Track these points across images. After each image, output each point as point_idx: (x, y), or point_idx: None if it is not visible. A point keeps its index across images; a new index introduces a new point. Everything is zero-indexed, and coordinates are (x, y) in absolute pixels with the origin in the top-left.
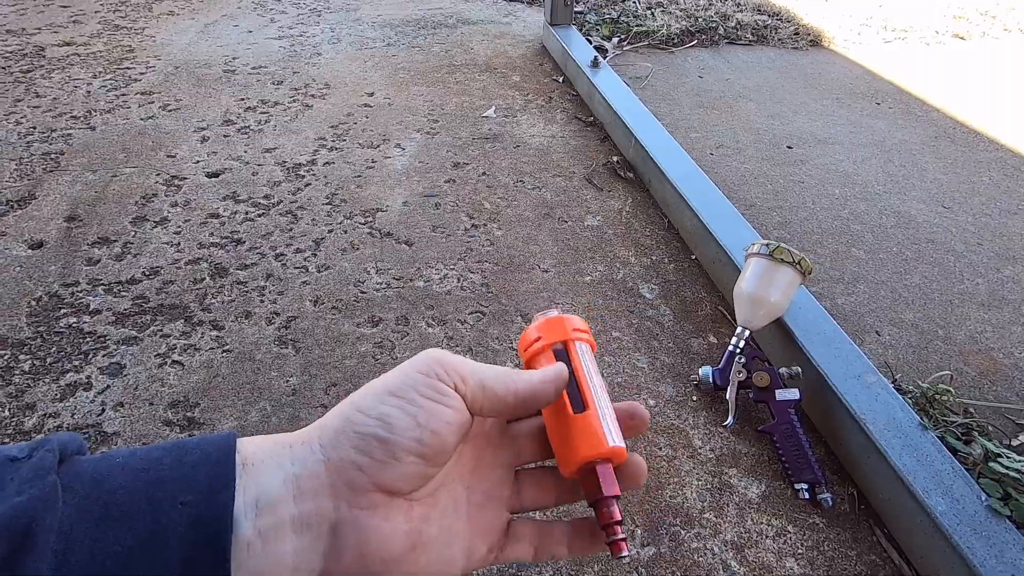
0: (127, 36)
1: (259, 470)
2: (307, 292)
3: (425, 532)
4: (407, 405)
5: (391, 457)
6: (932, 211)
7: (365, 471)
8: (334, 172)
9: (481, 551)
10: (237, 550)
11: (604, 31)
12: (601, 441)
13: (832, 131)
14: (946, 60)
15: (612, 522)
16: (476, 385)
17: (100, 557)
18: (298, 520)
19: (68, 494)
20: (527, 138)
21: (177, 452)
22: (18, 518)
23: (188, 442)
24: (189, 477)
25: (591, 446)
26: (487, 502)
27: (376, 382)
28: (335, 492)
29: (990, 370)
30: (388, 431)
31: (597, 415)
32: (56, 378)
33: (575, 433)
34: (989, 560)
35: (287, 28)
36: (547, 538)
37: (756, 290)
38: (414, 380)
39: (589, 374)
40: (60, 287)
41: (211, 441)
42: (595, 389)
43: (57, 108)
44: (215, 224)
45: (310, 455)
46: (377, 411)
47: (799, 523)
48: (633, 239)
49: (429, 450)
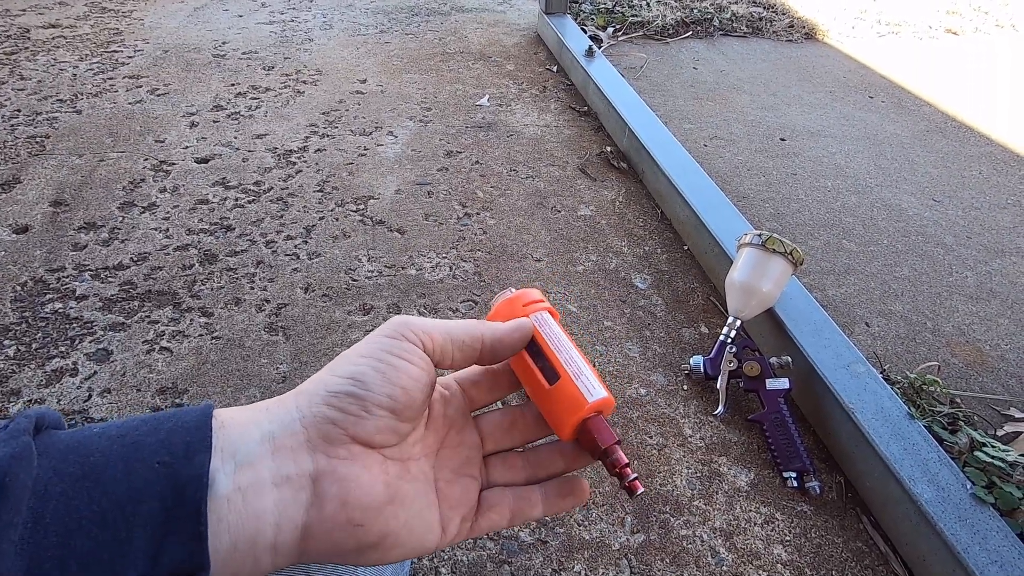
0: (114, 19)
1: (235, 431)
2: (298, 279)
3: (402, 488)
4: (377, 363)
5: (364, 411)
6: (923, 204)
7: (339, 425)
8: (326, 159)
9: (454, 521)
10: (216, 506)
11: (599, 21)
12: (581, 402)
13: (825, 124)
14: (939, 55)
15: (621, 466)
16: (443, 338)
17: (76, 516)
18: (277, 474)
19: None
20: (521, 127)
21: (154, 421)
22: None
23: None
24: (165, 441)
25: (573, 410)
26: (455, 478)
27: (348, 350)
28: (312, 446)
29: (977, 361)
30: (361, 388)
31: (570, 378)
32: (41, 364)
33: (557, 402)
34: (973, 547)
35: (278, 13)
36: (522, 502)
37: (748, 280)
38: (382, 343)
39: (553, 342)
40: (45, 272)
41: (188, 411)
42: (562, 354)
43: (42, 91)
44: (204, 210)
45: (286, 415)
46: (349, 371)
47: (787, 511)
48: (626, 229)
49: (399, 405)
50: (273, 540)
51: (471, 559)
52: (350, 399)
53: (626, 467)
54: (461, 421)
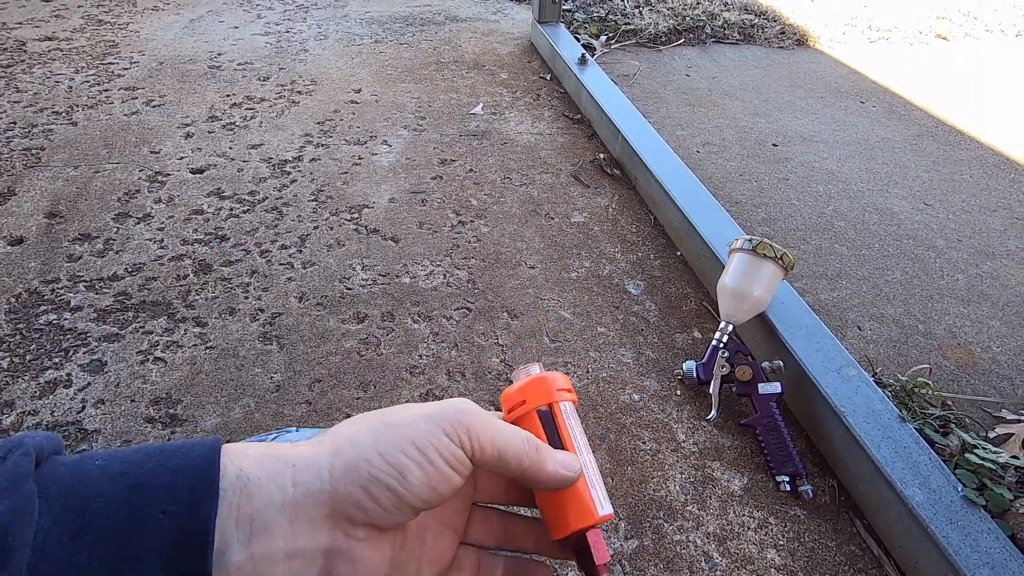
0: (110, 31)
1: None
2: (292, 288)
3: (401, 560)
4: (426, 464)
5: (396, 508)
6: (914, 208)
7: (367, 512)
8: (320, 168)
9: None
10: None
11: (592, 29)
12: (591, 512)
13: (817, 129)
14: (929, 60)
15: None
16: (494, 455)
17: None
18: (292, 546)
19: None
20: (514, 135)
21: (160, 455)
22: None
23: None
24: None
25: (581, 517)
26: (443, 530)
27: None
28: (332, 521)
29: (968, 364)
30: (403, 485)
31: (586, 483)
32: (35, 375)
33: (565, 502)
34: (964, 549)
35: (274, 24)
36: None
37: (739, 285)
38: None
39: (575, 438)
40: (40, 284)
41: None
42: (583, 455)
43: (38, 103)
44: (199, 220)
45: (315, 480)
46: (396, 460)
47: (780, 515)
48: (619, 235)
49: (429, 505)
50: None
51: None
52: (388, 493)
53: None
54: None
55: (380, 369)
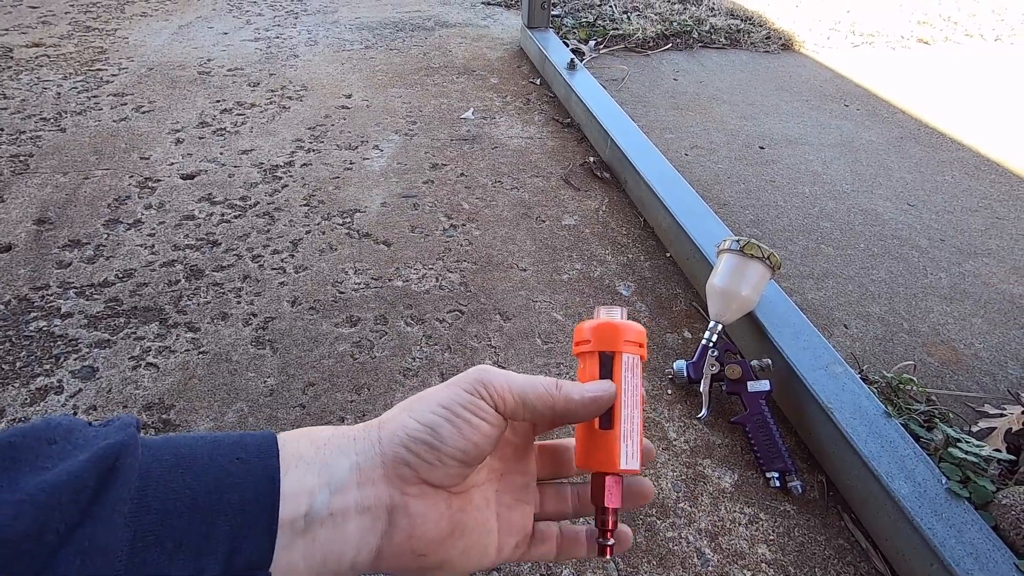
0: (99, 37)
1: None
2: (285, 293)
3: (462, 521)
4: (453, 417)
5: (437, 461)
6: (898, 209)
7: (413, 467)
8: (312, 173)
9: (510, 545)
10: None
11: (581, 34)
12: (614, 462)
13: (802, 132)
14: (911, 64)
15: (605, 529)
16: (517, 401)
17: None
18: (360, 504)
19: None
20: (505, 139)
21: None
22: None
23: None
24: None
25: (604, 463)
26: (514, 504)
27: (428, 393)
28: (389, 481)
29: (951, 360)
30: (436, 439)
31: (619, 437)
32: (26, 382)
33: (595, 445)
34: (949, 540)
35: (263, 30)
36: (570, 541)
37: (727, 285)
38: (460, 397)
39: (627, 392)
40: (29, 290)
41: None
42: (627, 408)
43: (26, 110)
44: (190, 226)
45: (370, 448)
46: (428, 419)
47: (771, 510)
48: (609, 238)
49: (469, 457)
50: (353, 559)
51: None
52: (426, 447)
53: (609, 532)
54: (524, 447)
55: (374, 372)
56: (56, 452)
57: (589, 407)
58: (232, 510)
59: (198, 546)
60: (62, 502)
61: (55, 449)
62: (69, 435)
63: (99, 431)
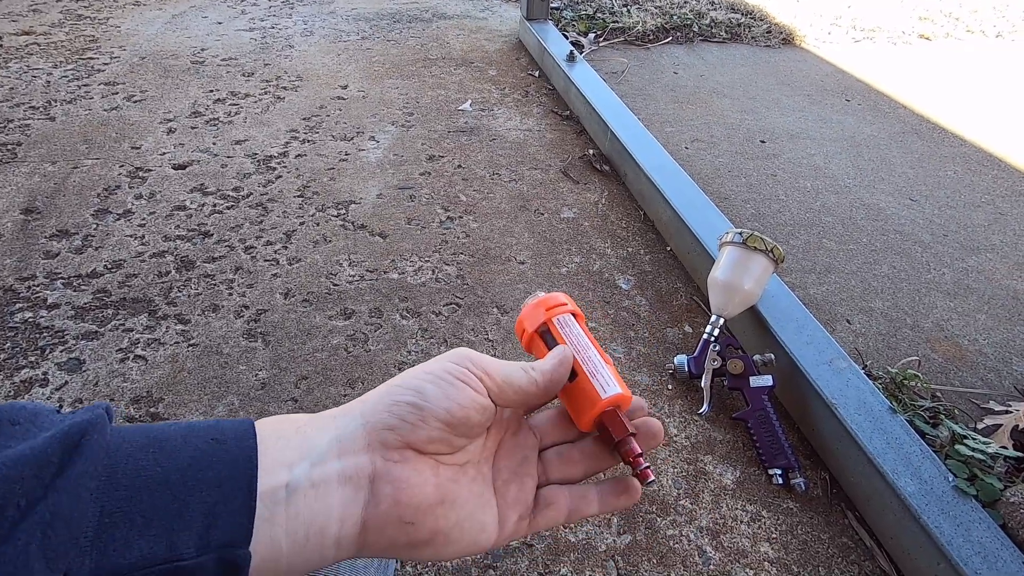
0: (90, 26)
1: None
2: (277, 285)
3: (454, 491)
4: (439, 381)
5: (421, 421)
6: (900, 204)
7: (397, 431)
8: (306, 164)
9: (512, 519)
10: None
11: (580, 27)
12: (595, 398)
13: (803, 126)
14: (912, 59)
15: (633, 456)
16: (501, 380)
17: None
18: (342, 474)
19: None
20: (503, 131)
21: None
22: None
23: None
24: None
25: (588, 406)
26: (513, 478)
27: (413, 368)
28: (371, 448)
29: (956, 356)
30: (422, 399)
31: (587, 377)
32: (10, 374)
33: (576, 399)
34: (956, 539)
35: (258, 20)
36: (579, 500)
37: (730, 278)
38: (446, 366)
39: (573, 343)
40: (15, 281)
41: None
42: (580, 354)
43: (15, 98)
44: (181, 216)
45: (351, 421)
46: (413, 384)
47: (773, 508)
48: (609, 231)
49: (455, 420)
50: (337, 533)
51: (456, 565)
52: (410, 408)
53: (639, 457)
54: (516, 423)
55: (368, 365)
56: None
57: (560, 368)
58: (207, 487)
59: (170, 522)
60: (24, 476)
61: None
62: (35, 418)
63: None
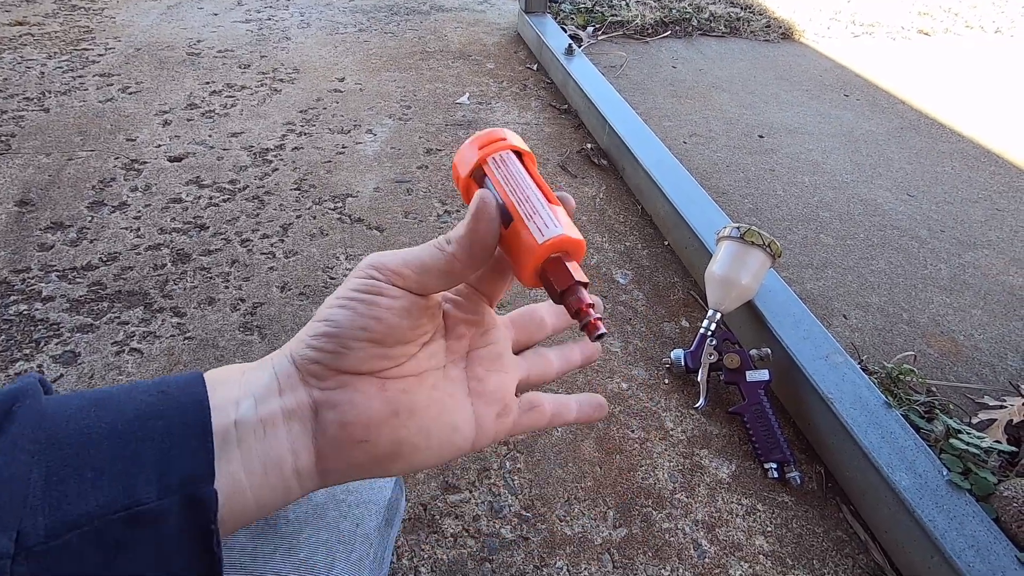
0: (85, 16)
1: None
2: (274, 278)
3: (408, 400)
4: (347, 302)
5: (342, 347)
6: (897, 199)
7: (321, 363)
8: (303, 157)
9: (489, 416)
10: (246, 434)
11: (579, 20)
12: (532, 246)
13: (802, 121)
14: (911, 55)
15: (580, 307)
16: (416, 271)
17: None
18: (285, 408)
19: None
20: (501, 125)
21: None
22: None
23: None
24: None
25: (527, 256)
26: (486, 375)
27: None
28: (306, 383)
29: (951, 351)
30: (334, 326)
31: (523, 219)
32: (4, 367)
33: (513, 248)
34: (950, 532)
35: (255, 12)
36: (561, 406)
37: (727, 272)
38: (352, 284)
39: (507, 184)
40: (9, 273)
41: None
42: (516, 195)
43: (8, 89)
44: (177, 209)
45: (284, 360)
46: (323, 315)
47: (768, 502)
48: (607, 225)
49: (377, 335)
50: (295, 465)
51: (451, 557)
52: (326, 339)
53: (588, 307)
54: (483, 320)
55: None
56: None
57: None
58: (160, 435)
59: (124, 469)
60: None
61: None
62: None
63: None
